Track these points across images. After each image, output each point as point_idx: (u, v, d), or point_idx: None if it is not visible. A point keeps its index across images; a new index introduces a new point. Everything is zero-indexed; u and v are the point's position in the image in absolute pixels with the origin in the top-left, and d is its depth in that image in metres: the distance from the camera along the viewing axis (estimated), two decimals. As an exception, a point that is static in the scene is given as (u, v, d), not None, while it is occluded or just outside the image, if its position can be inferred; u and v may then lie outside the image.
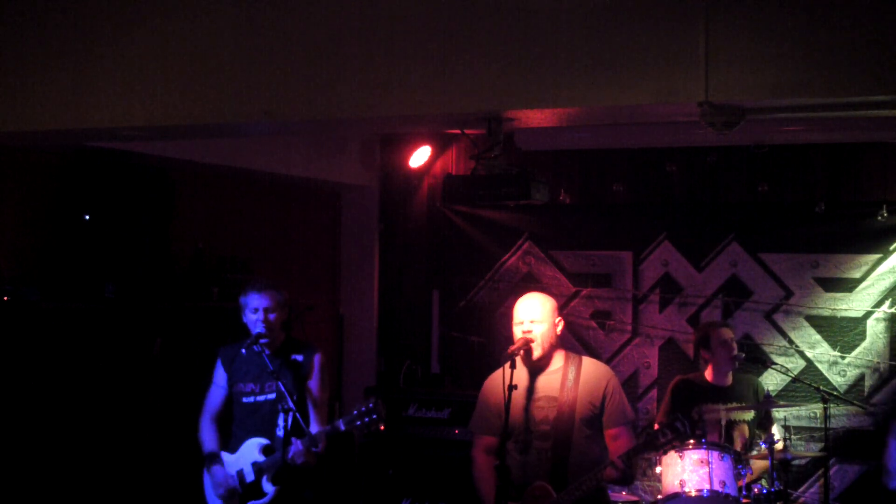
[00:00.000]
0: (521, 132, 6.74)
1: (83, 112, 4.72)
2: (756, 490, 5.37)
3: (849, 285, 6.52)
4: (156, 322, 5.65)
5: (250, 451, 4.80)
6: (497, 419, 4.32)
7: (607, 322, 7.03)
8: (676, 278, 6.89)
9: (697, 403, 5.74)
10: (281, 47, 4.40)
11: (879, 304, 6.44)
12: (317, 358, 4.92)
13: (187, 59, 4.54)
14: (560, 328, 4.48)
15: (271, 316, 4.81)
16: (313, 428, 4.76)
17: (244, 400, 4.88)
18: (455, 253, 7.46)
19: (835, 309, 6.53)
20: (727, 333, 5.87)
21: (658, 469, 5.39)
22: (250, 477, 4.77)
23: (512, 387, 4.18)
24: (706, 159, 6.83)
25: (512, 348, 4.32)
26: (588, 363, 4.47)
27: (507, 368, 4.22)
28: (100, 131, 4.88)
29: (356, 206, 7.76)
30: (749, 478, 5.38)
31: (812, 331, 6.58)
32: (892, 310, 6.41)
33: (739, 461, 5.28)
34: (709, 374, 5.88)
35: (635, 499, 6.21)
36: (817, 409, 6.35)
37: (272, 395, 4.80)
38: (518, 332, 4.41)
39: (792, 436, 6.23)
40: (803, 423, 6.53)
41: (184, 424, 5.07)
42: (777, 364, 6.30)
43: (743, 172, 6.77)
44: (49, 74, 4.76)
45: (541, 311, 4.41)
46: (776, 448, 5.33)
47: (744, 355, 5.90)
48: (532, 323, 4.38)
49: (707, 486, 5.05)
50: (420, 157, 7.45)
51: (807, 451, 6.31)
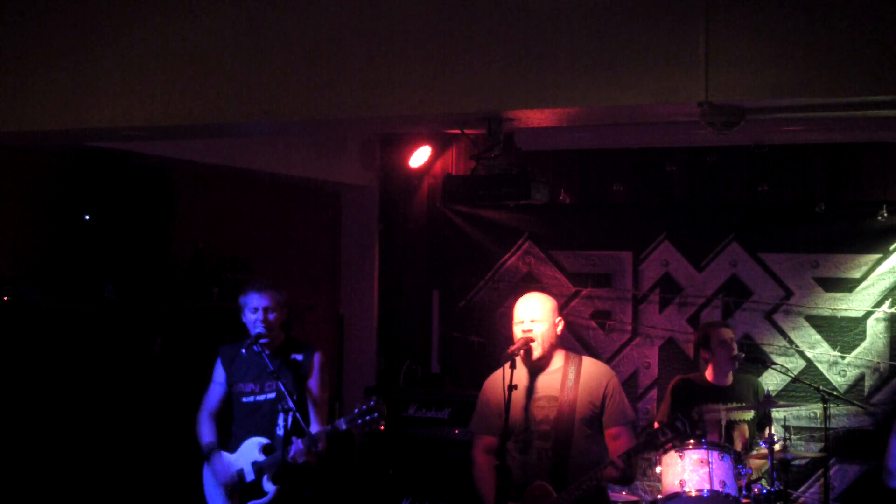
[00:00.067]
0: (521, 132, 6.73)
1: (83, 112, 4.72)
2: (756, 490, 5.37)
3: (849, 285, 6.52)
4: (156, 322, 5.65)
5: (250, 451, 4.80)
6: (497, 419, 4.32)
7: (607, 322, 7.02)
8: (676, 278, 6.89)
9: (697, 403, 5.74)
10: (281, 47, 4.39)
11: (879, 304, 6.44)
12: (316, 357, 4.92)
13: (187, 59, 4.54)
14: (560, 328, 4.48)
15: (271, 316, 4.81)
16: (314, 427, 4.76)
17: (244, 400, 4.89)
18: (455, 253, 7.46)
19: (835, 309, 6.53)
20: (727, 333, 5.87)
21: (658, 469, 5.39)
22: (250, 476, 4.77)
23: (512, 387, 4.18)
24: (706, 159, 6.83)
25: (512, 348, 4.32)
26: (588, 363, 4.47)
27: (507, 368, 4.22)
28: (100, 131, 4.88)
29: (356, 206, 7.76)
30: (748, 477, 5.38)
31: (812, 331, 6.58)
32: (892, 310, 6.41)
33: (739, 461, 5.28)
34: (709, 374, 5.88)
35: (635, 499, 6.21)
36: (817, 409, 6.35)
37: (272, 395, 4.81)
38: (518, 332, 4.41)
39: (792, 436, 6.23)
40: (803, 423, 6.53)
41: (184, 424, 5.07)
42: (777, 364, 6.30)
43: (743, 172, 6.77)
44: (49, 74, 4.76)
45: (541, 311, 4.41)
46: (776, 448, 5.33)
47: (744, 355, 5.90)
48: (532, 322, 4.39)
49: (707, 486, 5.05)
50: (420, 157, 7.45)
51: (807, 451, 6.30)
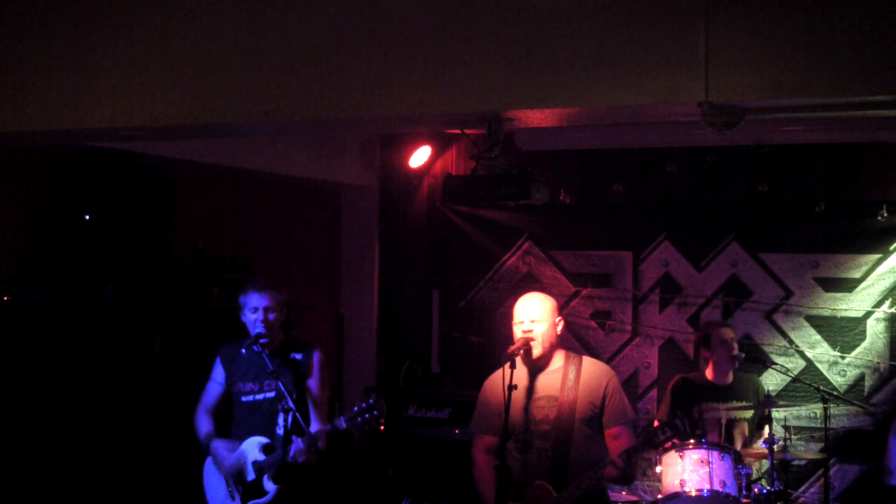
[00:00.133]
0: (521, 132, 6.73)
1: (83, 112, 4.71)
2: (756, 490, 5.37)
3: (849, 285, 6.51)
4: (156, 322, 5.65)
5: (251, 450, 4.80)
6: (497, 419, 4.32)
7: (607, 322, 7.02)
8: (676, 278, 6.89)
9: (698, 402, 5.74)
10: (281, 47, 4.39)
11: (879, 304, 6.44)
12: (316, 356, 4.92)
13: (187, 59, 4.54)
14: (560, 328, 4.48)
15: (271, 316, 4.81)
16: (314, 426, 4.76)
17: (243, 399, 4.89)
18: (455, 253, 7.45)
19: (835, 309, 6.53)
20: (728, 333, 5.87)
21: (658, 469, 5.39)
22: (251, 476, 4.77)
23: (512, 387, 4.18)
24: (706, 159, 6.83)
25: (512, 348, 4.33)
26: (588, 363, 4.47)
27: (507, 368, 4.22)
28: (100, 131, 4.87)
29: (356, 206, 7.76)
30: (749, 477, 5.37)
31: (812, 331, 6.58)
32: (892, 310, 6.41)
33: (739, 461, 5.27)
34: (709, 373, 5.89)
35: (635, 499, 6.21)
36: (817, 409, 6.35)
37: (271, 394, 4.81)
38: (518, 332, 4.41)
39: (792, 436, 6.23)
40: (803, 423, 6.53)
41: (184, 424, 5.07)
42: (777, 364, 6.29)
43: (743, 172, 6.76)
44: (49, 74, 4.75)
45: (541, 311, 4.41)
46: (776, 448, 5.33)
47: (744, 355, 5.90)
48: (532, 322, 4.39)
49: (707, 486, 5.05)
50: (420, 157, 7.45)
51: (807, 452, 6.30)
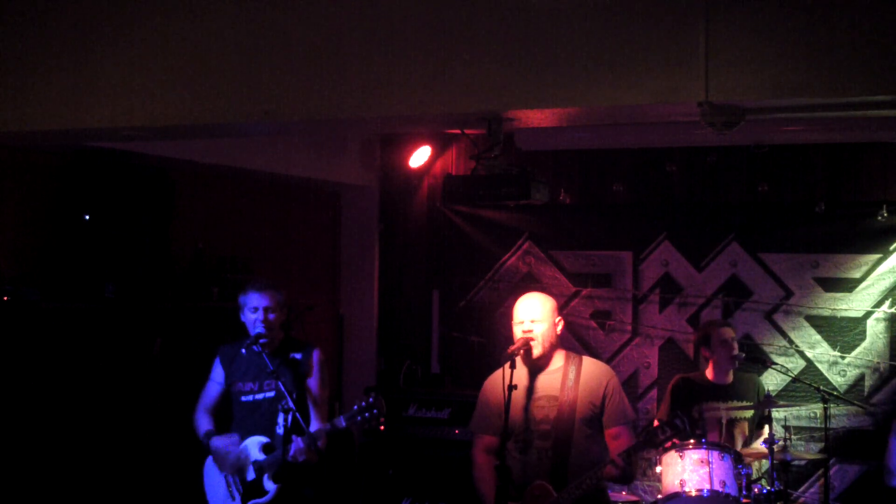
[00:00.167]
0: (521, 132, 6.73)
1: (83, 112, 4.71)
2: (756, 490, 5.37)
3: (849, 285, 6.51)
4: (156, 322, 5.65)
5: (251, 450, 4.80)
6: (497, 419, 4.32)
7: (607, 322, 7.02)
8: (676, 278, 6.89)
9: (698, 402, 5.74)
10: (281, 47, 4.39)
11: (879, 304, 6.44)
12: (315, 355, 4.92)
13: (187, 59, 4.54)
14: (560, 328, 4.48)
15: (271, 316, 4.82)
16: (313, 425, 4.77)
17: (243, 399, 4.89)
18: (455, 253, 7.45)
19: (835, 309, 6.53)
20: (728, 333, 5.87)
21: (658, 469, 5.39)
22: (251, 475, 4.77)
23: (512, 386, 4.18)
24: (706, 159, 6.83)
25: (512, 348, 4.33)
26: (588, 363, 4.47)
27: (507, 368, 4.22)
28: (100, 131, 4.87)
29: (356, 206, 7.76)
30: (749, 477, 5.37)
31: (812, 331, 6.58)
32: (892, 310, 6.41)
33: (739, 461, 5.27)
34: (709, 373, 5.89)
35: (635, 499, 6.21)
36: (817, 409, 6.35)
37: (271, 394, 4.81)
38: (518, 332, 4.41)
39: (792, 436, 6.23)
40: (803, 423, 6.52)
41: (184, 424, 5.07)
42: (777, 364, 6.29)
43: (743, 172, 6.76)
44: (49, 74, 4.75)
45: (541, 311, 4.41)
46: (776, 448, 5.33)
47: (744, 355, 5.90)
48: (532, 322, 4.39)
49: (707, 486, 5.05)
50: (420, 157, 7.45)
51: (807, 452, 6.30)
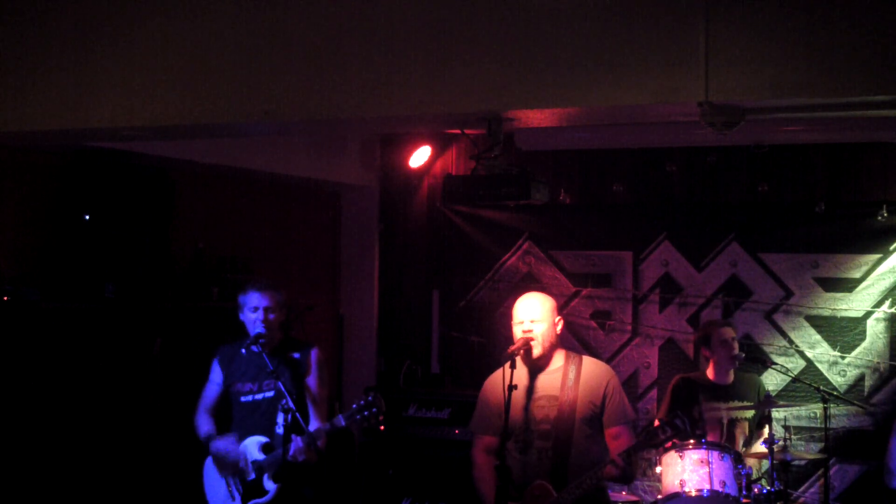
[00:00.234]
0: (521, 132, 6.73)
1: (83, 112, 4.72)
2: (756, 490, 5.37)
3: (849, 285, 6.51)
4: (156, 322, 5.65)
5: (250, 450, 4.80)
6: (497, 419, 4.32)
7: (607, 322, 7.02)
8: (676, 278, 6.89)
9: (699, 402, 5.73)
10: (281, 47, 4.39)
11: (879, 304, 6.43)
12: (314, 354, 4.92)
13: (187, 59, 4.54)
14: (560, 327, 4.48)
15: (271, 316, 4.82)
16: (313, 425, 4.77)
17: (242, 399, 4.89)
18: (455, 253, 7.45)
19: (835, 309, 6.53)
20: (728, 333, 5.87)
21: (658, 469, 5.39)
22: (251, 475, 4.77)
23: (512, 387, 4.18)
24: (706, 159, 6.83)
25: (512, 348, 4.33)
26: (588, 362, 4.47)
27: (507, 368, 4.22)
28: (100, 131, 4.88)
29: (356, 206, 7.76)
30: (749, 477, 5.37)
31: (812, 331, 6.58)
32: (892, 310, 6.41)
33: (739, 461, 5.27)
34: (710, 373, 5.88)
35: (635, 499, 6.21)
36: (817, 409, 6.35)
37: (270, 394, 4.81)
38: (518, 332, 4.41)
39: (792, 436, 6.23)
40: (803, 423, 6.52)
41: (184, 424, 5.07)
42: (777, 364, 6.29)
43: (743, 172, 6.76)
44: (49, 74, 4.76)
45: (540, 311, 4.41)
46: (776, 448, 5.33)
47: (744, 355, 5.90)
48: (532, 322, 4.39)
49: (707, 486, 5.05)
50: (420, 157, 7.45)
51: (807, 452, 6.30)
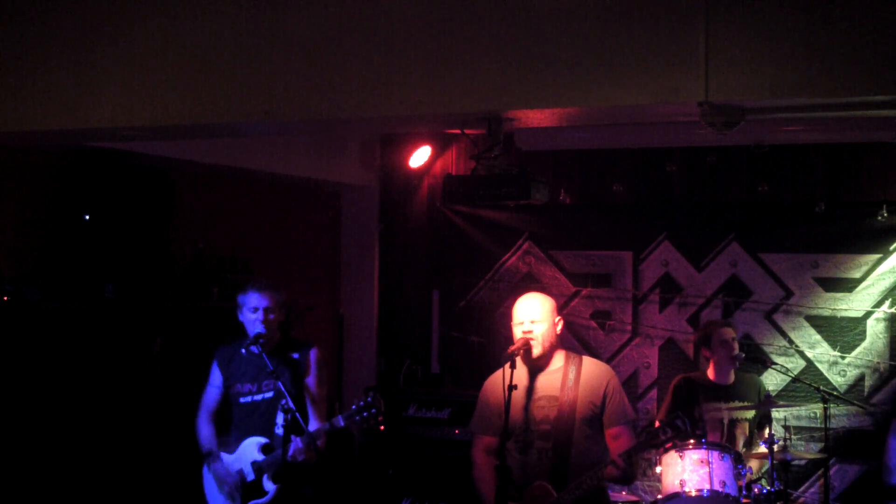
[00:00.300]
0: (521, 132, 6.73)
1: (84, 112, 4.72)
2: (756, 490, 5.37)
3: (849, 285, 6.51)
4: (156, 322, 5.65)
5: (250, 451, 4.80)
6: (497, 419, 4.32)
7: (607, 322, 7.02)
8: (676, 278, 6.89)
9: (699, 402, 5.74)
10: (281, 47, 4.39)
11: (879, 304, 6.43)
12: (313, 354, 4.92)
13: (187, 59, 4.54)
14: (560, 327, 4.48)
15: (270, 316, 4.82)
16: (312, 425, 4.77)
17: (241, 400, 4.89)
18: (455, 253, 7.45)
19: (835, 309, 6.53)
20: (729, 333, 5.87)
21: (658, 469, 5.39)
22: (251, 476, 4.77)
23: (512, 387, 4.18)
24: (706, 159, 6.82)
25: (512, 348, 4.33)
26: (588, 363, 4.47)
27: (507, 368, 4.22)
28: (100, 131, 4.88)
29: (356, 206, 7.76)
30: (749, 477, 5.38)
31: (812, 331, 6.58)
32: (892, 310, 6.41)
33: (740, 461, 5.27)
34: (711, 373, 5.88)
35: (635, 499, 6.21)
36: (817, 409, 6.35)
37: (269, 394, 4.81)
38: (518, 333, 4.41)
39: (792, 436, 6.23)
40: (803, 423, 6.52)
41: (184, 424, 5.07)
42: (777, 364, 6.29)
43: (743, 172, 6.76)
44: (49, 74, 4.76)
45: (540, 311, 4.41)
46: (776, 448, 5.33)
47: (744, 355, 5.90)
48: (532, 323, 4.39)
49: (707, 486, 5.05)
50: (420, 157, 7.45)
51: (807, 452, 6.30)
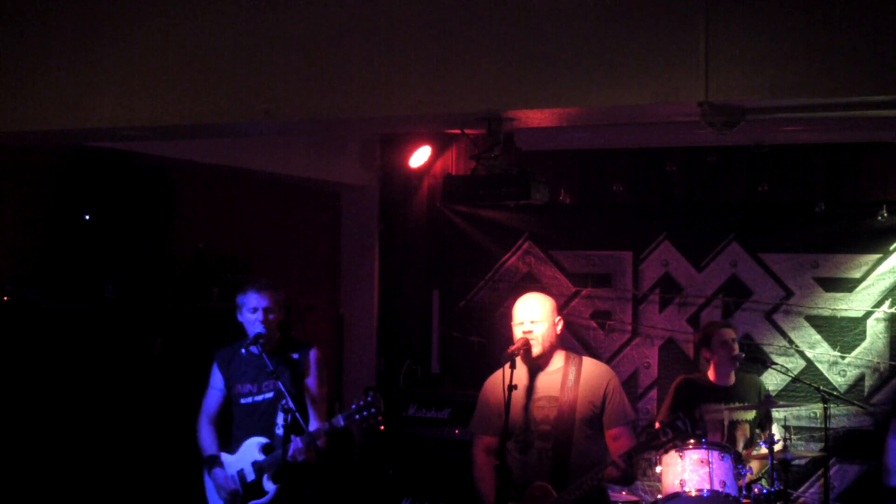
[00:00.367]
0: (521, 132, 6.73)
1: (84, 112, 4.72)
2: (756, 490, 5.37)
3: (849, 285, 6.51)
4: (156, 322, 5.65)
5: (250, 451, 4.80)
6: (497, 419, 4.32)
7: (607, 322, 7.02)
8: (676, 278, 6.88)
9: (700, 403, 5.74)
10: (281, 47, 4.39)
11: (879, 304, 6.43)
12: (312, 354, 4.92)
13: (187, 59, 4.54)
14: (560, 328, 4.48)
15: (270, 316, 4.81)
16: (312, 425, 4.77)
17: (242, 401, 4.89)
18: (455, 253, 7.45)
19: (835, 309, 6.53)
20: (728, 334, 5.87)
21: (658, 469, 5.39)
22: (251, 476, 4.77)
23: (512, 387, 4.18)
24: (706, 159, 6.82)
25: (512, 348, 4.33)
26: (588, 363, 4.47)
27: (507, 368, 4.22)
28: (100, 131, 4.88)
29: (356, 206, 7.76)
30: (749, 477, 5.38)
31: (812, 331, 6.58)
32: (892, 310, 6.41)
33: (740, 461, 5.27)
34: (711, 374, 5.88)
35: (635, 499, 6.21)
36: (817, 409, 6.35)
37: (270, 395, 4.81)
38: (518, 333, 4.41)
39: (792, 436, 6.22)
40: (803, 423, 6.52)
41: (184, 424, 5.07)
42: (777, 364, 6.29)
43: (743, 172, 6.76)
44: (49, 74, 4.76)
45: (540, 311, 4.41)
46: (776, 448, 5.33)
47: (744, 355, 5.90)
48: (532, 323, 4.39)
49: (707, 486, 5.05)
50: (420, 157, 7.45)
51: (807, 451, 6.30)
